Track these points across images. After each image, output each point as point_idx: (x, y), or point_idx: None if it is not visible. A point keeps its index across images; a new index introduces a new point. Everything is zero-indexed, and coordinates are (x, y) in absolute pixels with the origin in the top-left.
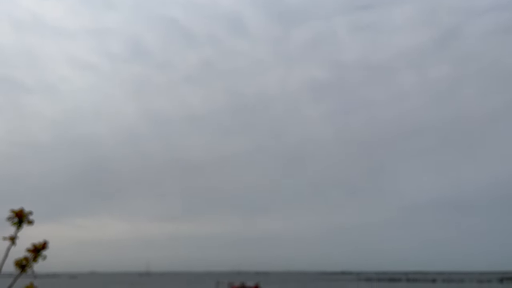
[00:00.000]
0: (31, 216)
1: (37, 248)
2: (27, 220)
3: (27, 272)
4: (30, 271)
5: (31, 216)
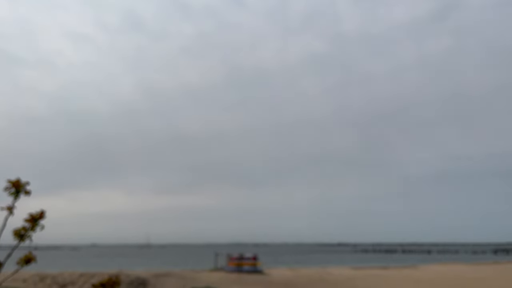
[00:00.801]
0: (28, 186)
1: (34, 218)
2: (24, 191)
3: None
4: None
5: (28, 187)
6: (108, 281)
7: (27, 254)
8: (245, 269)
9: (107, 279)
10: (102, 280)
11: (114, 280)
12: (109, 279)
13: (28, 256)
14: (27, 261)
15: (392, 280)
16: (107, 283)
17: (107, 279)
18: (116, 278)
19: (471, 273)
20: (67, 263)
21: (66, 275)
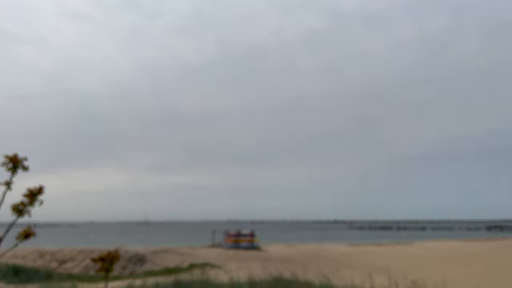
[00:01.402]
0: (26, 162)
1: (33, 193)
2: (22, 166)
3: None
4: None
5: (25, 162)
6: (107, 255)
7: (26, 228)
8: (242, 245)
9: (106, 253)
10: (102, 254)
11: (114, 254)
12: (109, 253)
13: (27, 230)
14: (26, 235)
15: (387, 255)
16: (106, 257)
17: (106, 253)
18: (116, 253)
19: (464, 249)
20: (66, 240)
21: (65, 252)
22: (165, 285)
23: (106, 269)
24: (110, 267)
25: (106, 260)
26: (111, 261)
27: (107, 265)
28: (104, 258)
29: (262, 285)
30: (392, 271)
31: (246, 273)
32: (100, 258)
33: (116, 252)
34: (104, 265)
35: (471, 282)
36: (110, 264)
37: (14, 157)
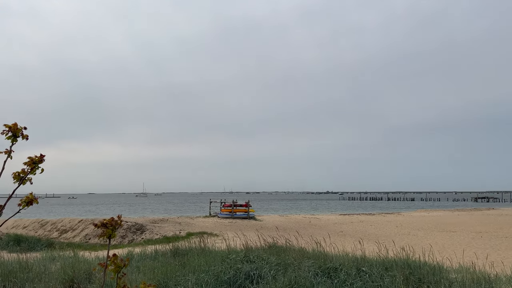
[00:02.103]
0: (25, 131)
1: (34, 161)
2: (21, 134)
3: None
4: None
5: (25, 131)
6: (110, 221)
7: (29, 195)
8: (238, 215)
9: (109, 219)
10: (104, 220)
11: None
12: (111, 219)
13: (29, 197)
14: (29, 202)
15: (376, 224)
16: (109, 223)
17: (109, 219)
18: (118, 218)
19: (451, 218)
20: (66, 211)
21: (66, 221)
22: (164, 253)
23: (109, 235)
24: (113, 233)
25: (108, 226)
26: (113, 227)
27: (110, 231)
28: (106, 224)
29: (258, 252)
30: (382, 238)
31: (242, 240)
32: (102, 223)
33: (119, 217)
34: (107, 231)
35: (457, 248)
36: (113, 230)
37: (14, 126)
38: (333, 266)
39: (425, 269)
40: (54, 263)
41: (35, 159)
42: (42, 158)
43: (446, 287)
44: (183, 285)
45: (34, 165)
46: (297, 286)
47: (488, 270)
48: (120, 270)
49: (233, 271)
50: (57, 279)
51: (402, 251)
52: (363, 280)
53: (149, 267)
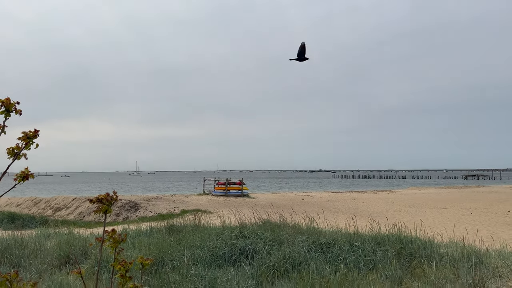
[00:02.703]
0: (18, 105)
1: (28, 136)
2: (14, 109)
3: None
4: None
5: (18, 106)
6: (105, 196)
7: (24, 170)
8: (231, 193)
9: (105, 195)
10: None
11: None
12: (107, 194)
13: (25, 172)
14: (24, 177)
15: (369, 201)
16: (104, 198)
17: (105, 194)
18: (114, 193)
19: (442, 196)
20: (59, 189)
21: (60, 199)
22: (159, 230)
23: (105, 211)
24: (108, 208)
25: (104, 202)
26: (109, 202)
27: (106, 206)
28: (102, 199)
29: (252, 228)
30: (374, 215)
31: (236, 217)
32: (98, 199)
33: (114, 193)
34: (102, 206)
35: (448, 224)
36: (109, 205)
37: (7, 101)
38: (327, 241)
39: (416, 244)
40: (49, 240)
41: (30, 134)
42: (37, 133)
43: (436, 261)
44: (179, 261)
45: (29, 140)
46: (291, 260)
47: (478, 245)
48: (118, 245)
49: (228, 246)
50: (53, 255)
51: (394, 226)
52: (356, 254)
53: (145, 244)
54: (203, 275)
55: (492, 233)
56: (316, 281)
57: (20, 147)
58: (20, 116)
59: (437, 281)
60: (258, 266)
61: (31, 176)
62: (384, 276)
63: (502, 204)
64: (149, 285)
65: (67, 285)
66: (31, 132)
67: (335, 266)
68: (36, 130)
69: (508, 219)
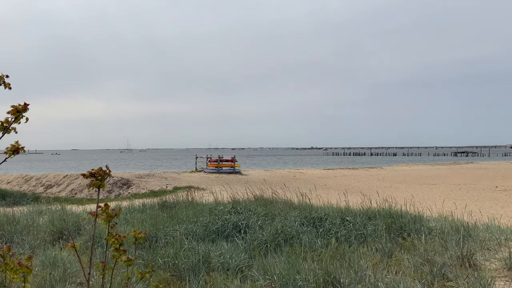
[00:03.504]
0: (7, 79)
1: (17, 109)
2: (3, 83)
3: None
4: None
5: (7, 79)
6: (98, 171)
7: (14, 143)
8: (224, 170)
9: (98, 169)
10: (92, 170)
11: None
12: (100, 169)
13: (15, 145)
14: (15, 151)
15: (359, 177)
16: (97, 172)
17: (98, 169)
18: (107, 168)
19: (431, 172)
20: (50, 166)
21: (51, 177)
22: (152, 206)
23: (98, 186)
24: (102, 183)
25: (97, 176)
26: (102, 177)
27: (99, 181)
28: (95, 174)
29: (245, 203)
30: (365, 191)
31: (229, 193)
32: (91, 174)
33: (107, 168)
34: (95, 181)
35: (437, 200)
36: (102, 180)
37: None
38: (318, 216)
39: (406, 218)
40: (41, 216)
41: (19, 108)
42: (26, 106)
43: (426, 234)
44: (172, 236)
45: (18, 114)
46: (283, 235)
47: (466, 219)
48: (111, 219)
49: (221, 221)
50: (46, 231)
51: (385, 202)
52: (347, 228)
53: (138, 219)
54: (197, 249)
55: (480, 208)
56: (308, 254)
57: (10, 121)
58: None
59: (426, 254)
60: (251, 240)
61: (22, 149)
62: (375, 249)
63: (490, 180)
64: (143, 259)
65: (61, 260)
66: (21, 106)
67: (327, 240)
68: (25, 103)
69: (496, 194)
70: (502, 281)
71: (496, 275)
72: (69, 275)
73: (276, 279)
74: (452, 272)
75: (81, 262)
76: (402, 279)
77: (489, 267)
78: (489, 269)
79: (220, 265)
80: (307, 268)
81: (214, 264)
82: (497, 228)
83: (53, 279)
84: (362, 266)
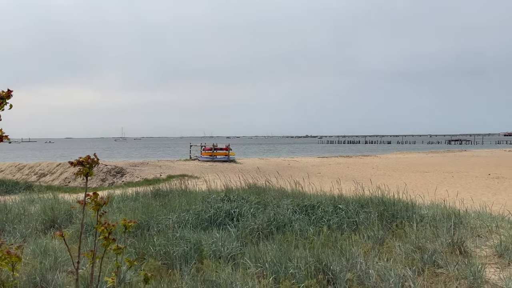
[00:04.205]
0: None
1: (1, 96)
2: None
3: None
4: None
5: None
6: (86, 159)
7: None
8: (218, 158)
9: (85, 157)
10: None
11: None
12: (87, 157)
13: None
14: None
15: (353, 165)
16: (85, 160)
17: (85, 157)
18: (95, 156)
19: (425, 160)
20: (43, 155)
21: (44, 165)
22: (145, 194)
23: (86, 174)
24: (90, 171)
25: (85, 164)
26: (90, 165)
27: (87, 169)
28: (83, 162)
29: (238, 192)
30: (358, 179)
31: (223, 182)
32: (78, 162)
33: (95, 156)
34: (83, 169)
35: (430, 187)
36: (90, 168)
37: None
38: (311, 204)
39: (398, 206)
40: (33, 204)
41: (2, 94)
42: (10, 93)
43: (417, 221)
44: (165, 224)
45: (2, 101)
46: (276, 222)
47: (458, 206)
48: (100, 208)
49: (214, 209)
50: (37, 220)
51: (378, 189)
52: (340, 216)
53: (130, 208)
54: (188, 237)
55: (472, 196)
56: (300, 242)
57: None
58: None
59: (417, 241)
60: (243, 228)
61: (6, 138)
62: (367, 237)
63: (483, 167)
64: (134, 247)
65: (52, 249)
66: (4, 92)
67: (319, 227)
68: (9, 90)
69: (488, 182)
70: (492, 268)
71: (487, 262)
72: (60, 264)
73: (267, 267)
74: (443, 259)
75: (69, 250)
76: (393, 266)
77: (480, 254)
78: (480, 256)
79: (212, 253)
80: (299, 255)
81: (206, 252)
82: (489, 215)
83: (44, 267)
84: (353, 254)
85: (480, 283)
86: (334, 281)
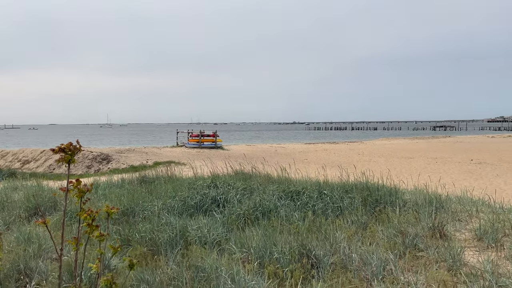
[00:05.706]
0: None
1: None
2: None
3: None
4: None
5: None
6: (68, 146)
7: None
8: (205, 145)
9: (67, 144)
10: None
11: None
12: (69, 143)
13: None
14: None
15: (340, 151)
16: (67, 147)
17: (67, 144)
18: (77, 143)
19: (410, 145)
20: (27, 141)
21: (28, 152)
22: (131, 181)
23: (68, 160)
24: (72, 158)
25: (67, 151)
26: (72, 152)
27: (69, 156)
28: (64, 149)
29: (224, 178)
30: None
31: (209, 168)
32: (60, 149)
33: (78, 142)
34: (65, 156)
35: (413, 173)
36: (72, 155)
37: None
38: (296, 190)
39: (382, 191)
40: (17, 192)
41: None
42: None
43: (400, 206)
44: (150, 210)
45: None
46: (261, 208)
47: (440, 191)
48: (83, 195)
49: (200, 196)
50: (21, 207)
51: (363, 175)
52: (324, 202)
53: (116, 195)
54: (174, 223)
55: (454, 181)
56: (285, 227)
57: None
58: None
59: (400, 225)
60: (229, 214)
61: None
62: (350, 222)
63: (466, 153)
64: (120, 234)
65: (36, 236)
66: None
67: (304, 213)
68: None
69: (470, 167)
70: (471, 251)
71: (466, 245)
72: (44, 251)
73: (252, 252)
74: (424, 242)
75: (52, 238)
76: (375, 250)
77: (460, 237)
78: (459, 239)
79: (197, 239)
80: (284, 240)
81: (192, 238)
82: (469, 200)
83: (28, 255)
84: (337, 238)
85: (459, 266)
86: (318, 265)
